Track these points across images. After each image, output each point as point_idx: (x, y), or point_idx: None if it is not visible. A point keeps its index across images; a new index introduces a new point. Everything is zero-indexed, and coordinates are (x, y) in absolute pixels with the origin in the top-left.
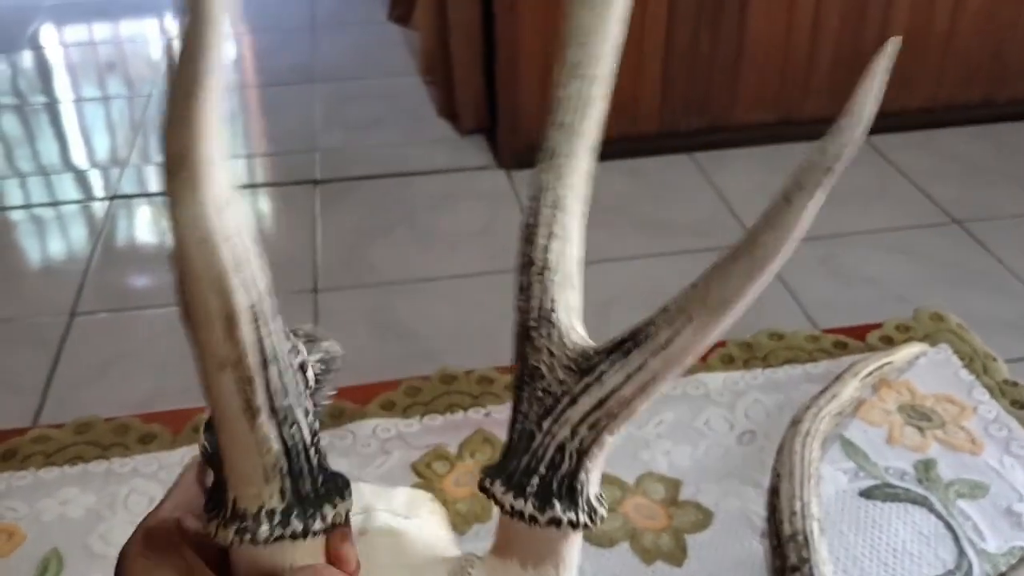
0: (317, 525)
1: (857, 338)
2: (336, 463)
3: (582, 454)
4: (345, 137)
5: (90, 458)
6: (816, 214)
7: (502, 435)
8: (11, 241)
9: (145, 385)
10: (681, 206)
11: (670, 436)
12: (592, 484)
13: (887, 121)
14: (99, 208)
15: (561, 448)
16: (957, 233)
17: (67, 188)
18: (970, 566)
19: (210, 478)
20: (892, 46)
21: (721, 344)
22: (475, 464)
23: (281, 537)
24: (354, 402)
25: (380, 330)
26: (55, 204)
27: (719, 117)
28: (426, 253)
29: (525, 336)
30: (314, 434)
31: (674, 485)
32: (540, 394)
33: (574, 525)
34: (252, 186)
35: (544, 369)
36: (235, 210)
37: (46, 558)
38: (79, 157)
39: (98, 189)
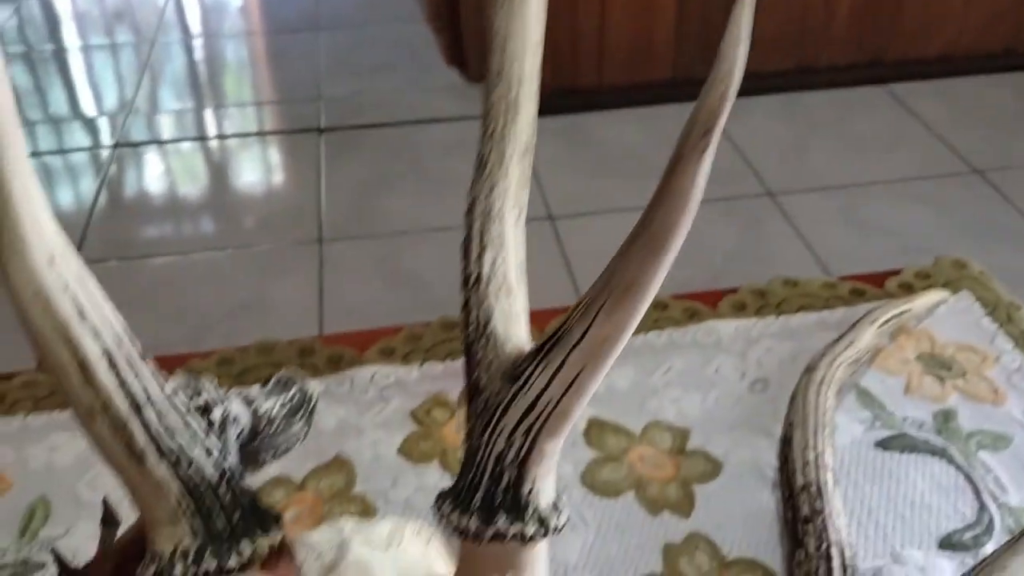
0: (233, 562)
1: (875, 285)
2: (334, 411)
3: (521, 463)
4: (351, 85)
5: None
6: (705, 176)
7: None
8: None
9: (145, 335)
10: None
11: (679, 384)
12: (542, 493)
13: (907, 69)
14: (104, 155)
15: (500, 459)
16: (978, 183)
17: (74, 136)
18: (991, 520)
19: None
20: None
21: (733, 291)
22: None
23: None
24: (353, 348)
25: (388, 279)
26: (62, 152)
27: None
28: (434, 202)
29: (467, 352)
30: (224, 472)
31: (682, 434)
32: (480, 408)
33: (522, 538)
34: (257, 134)
35: (483, 382)
36: (67, 261)
37: (32, 505)
38: (87, 104)
39: (105, 136)
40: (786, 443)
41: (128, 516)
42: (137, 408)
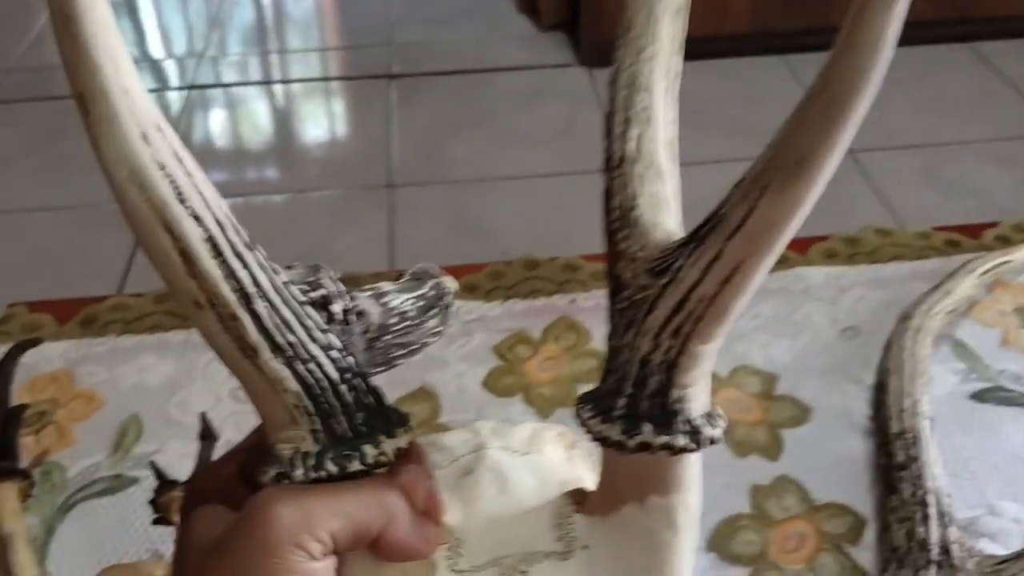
0: (354, 466)
1: (971, 237)
2: None
3: (670, 368)
4: (422, 32)
5: (168, 327)
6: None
7: (587, 322)
8: None
9: None
10: (773, 111)
11: (767, 329)
12: (693, 401)
13: (994, 27)
14: (172, 98)
15: (645, 363)
16: None
17: (142, 78)
18: None
19: None
20: None
21: (823, 239)
22: (559, 349)
23: (316, 480)
24: None
25: (458, 226)
26: None
27: (816, 18)
28: (505, 151)
29: (609, 242)
30: (345, 370)
31: (770, 379)
32: (624, 305)
33: (670, 449)
34: (327, 79)
35: (627, 276)
36: (164, 136)
37: (125, 423)
38: (155, 47)
39: (172, 79)
40: (880, 390)
41: (223, 432)
42: (247, 299)
